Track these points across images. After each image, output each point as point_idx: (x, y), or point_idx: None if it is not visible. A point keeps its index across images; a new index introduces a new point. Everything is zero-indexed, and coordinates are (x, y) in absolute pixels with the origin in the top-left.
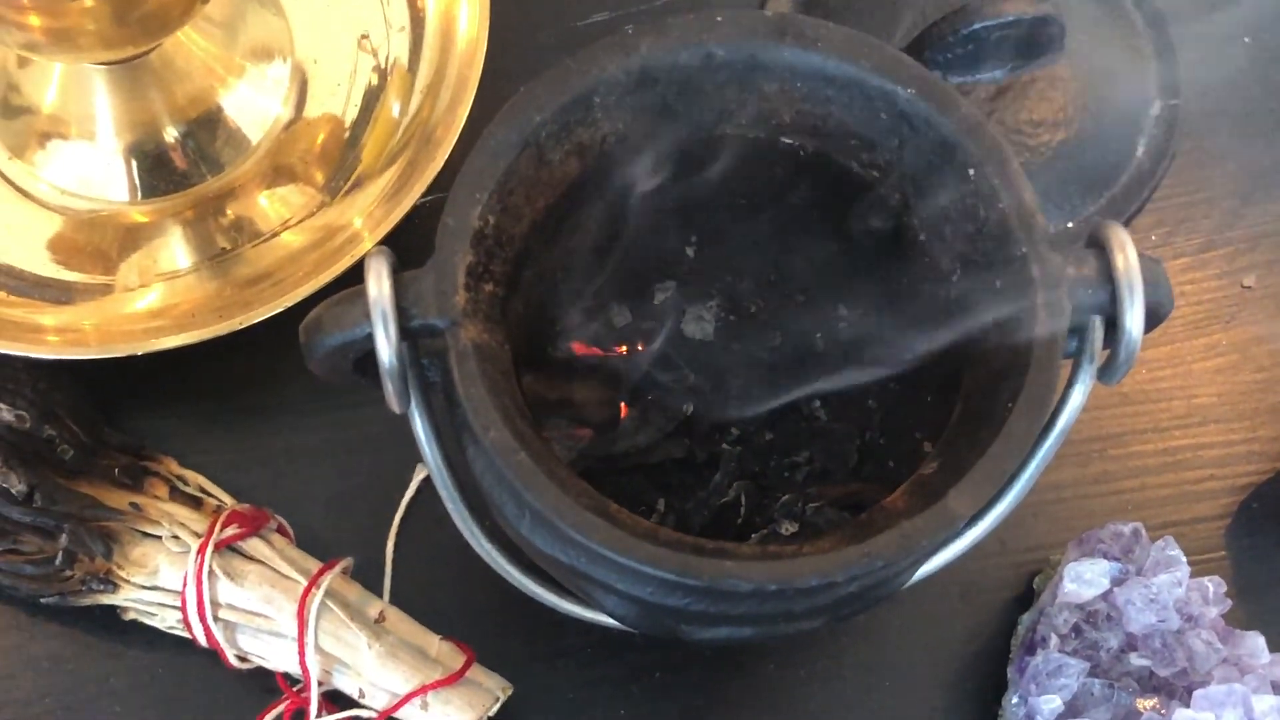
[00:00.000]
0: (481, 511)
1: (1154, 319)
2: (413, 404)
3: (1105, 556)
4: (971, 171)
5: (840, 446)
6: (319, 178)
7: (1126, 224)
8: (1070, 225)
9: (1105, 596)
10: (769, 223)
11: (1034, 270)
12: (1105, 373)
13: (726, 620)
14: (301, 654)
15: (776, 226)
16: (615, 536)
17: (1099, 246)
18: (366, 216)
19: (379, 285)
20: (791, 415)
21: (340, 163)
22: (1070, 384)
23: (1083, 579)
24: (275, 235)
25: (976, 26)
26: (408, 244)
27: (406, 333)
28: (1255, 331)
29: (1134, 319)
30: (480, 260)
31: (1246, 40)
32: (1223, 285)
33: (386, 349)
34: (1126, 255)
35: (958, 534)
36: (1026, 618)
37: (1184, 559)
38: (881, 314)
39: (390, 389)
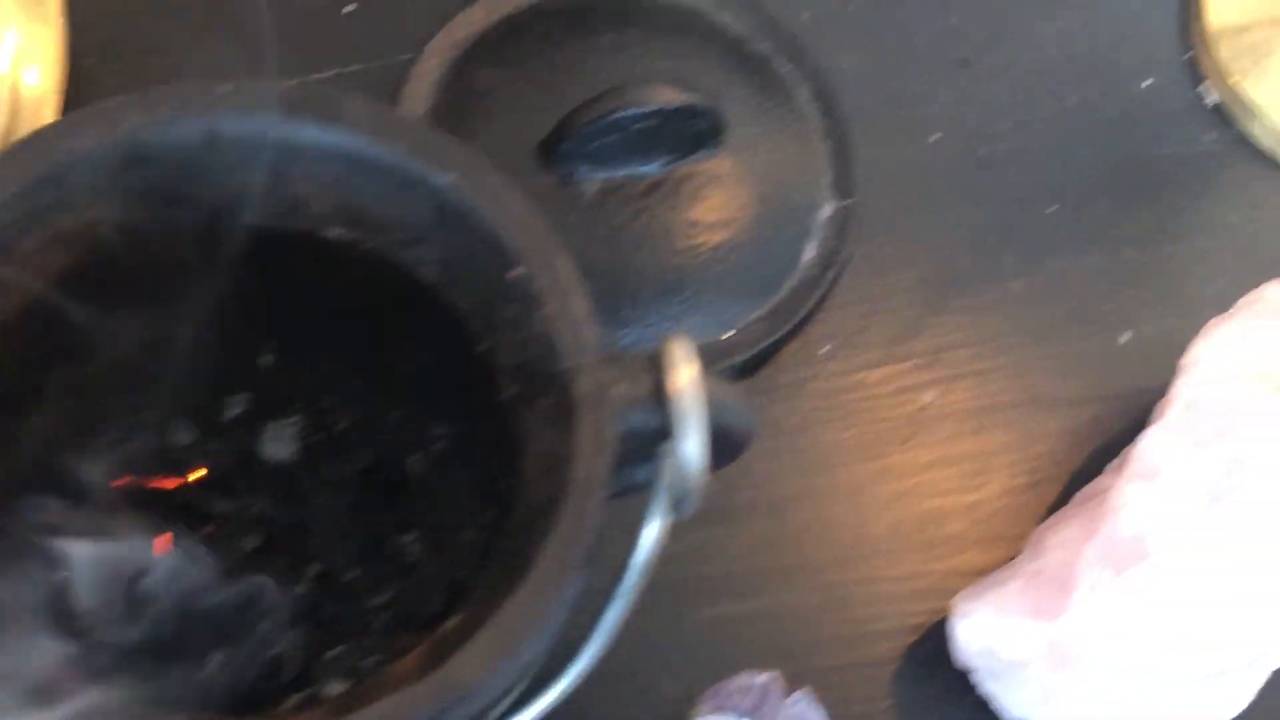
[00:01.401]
0: None
1: (730, 446)
2: None
3: (735, 711)
4: (517, 274)
5: (427, 587)
6: None
7: (795, 334)
8: (726, 337)
9: None
10: (356, 327)
11: (579, 388)
12: (675, 507)
13: None
14: None
15: (363, 332)
16: None
17: (657, 363)
18: None
19: None
20: (379, 549)
21: None
22: (644, 520)
23: None
24: None
25: (615, 117)
26: None
27: None
28: (933, 454)
29: (691, 446)
30: None
31: (935, 137)
32: (900, 403)
33: None
34: (681, 373)
35: (504, 698)
36: None
37: (821, 714)
38: (473, 433)
39: None
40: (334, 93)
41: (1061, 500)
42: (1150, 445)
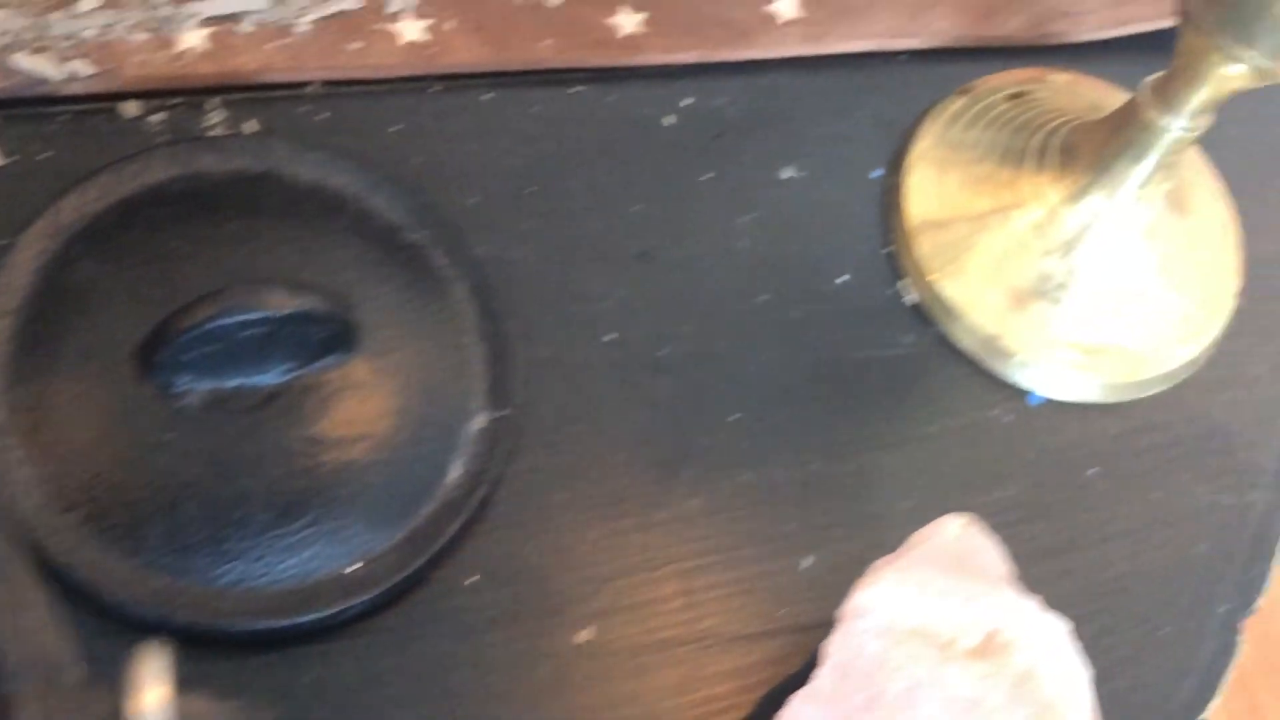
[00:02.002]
0: None
1: None
2: None
3: None
4: None
5: None
6: None
7: (435, 565)
8: (352, 570)
9: None
10: None
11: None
12: None
13: None
14: None
15: None
16: None
17: (120, 686)
18: None
19: None
20: None
21: None
22: None
23: None
24: None
25: (213, 325)
26: None
27: None
28: (590, 698)
29: None
30: None
31: (610, 338)
32: (554, 641)
33: None
34: (146, 698)
35: None
36: None
37: None
38: None
39: None
40: None
41: None
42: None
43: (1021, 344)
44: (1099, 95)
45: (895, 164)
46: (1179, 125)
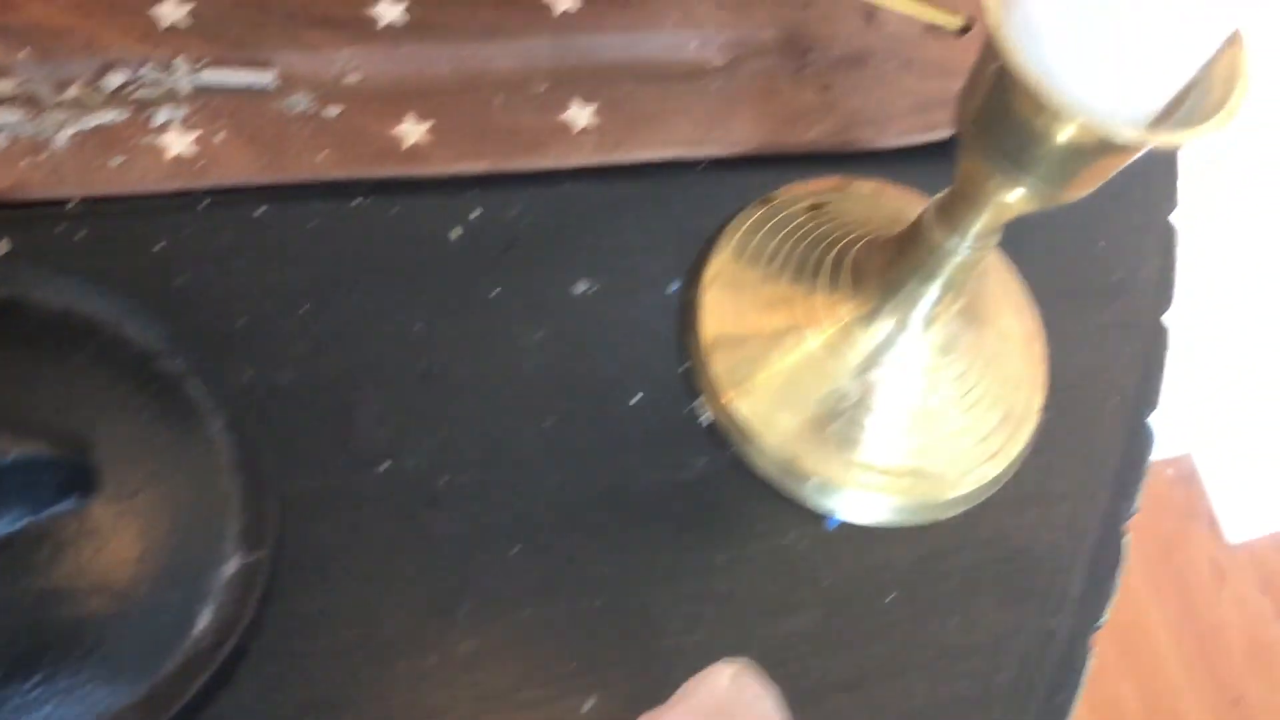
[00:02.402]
0: None
1: None
2: None
3: None
4: None
5: None
6: None
7: None
8: None
9: None
10: None
11: None
12: None
13: None
14: None
15: None
16: None
17: None
18: None
19: None
20: None
21: None
22: None
23: None
24: None
25: None
26: None
27: None
28: None
29: None
30: None
31: (384, 466)
32: None
33: None
34: None
35: None
36: None
37: None
38: None
39: None
40: None
41: None
42: None
43: (818, 466)
44: (902, 204)
45: (693, 277)
46: (964, 247)
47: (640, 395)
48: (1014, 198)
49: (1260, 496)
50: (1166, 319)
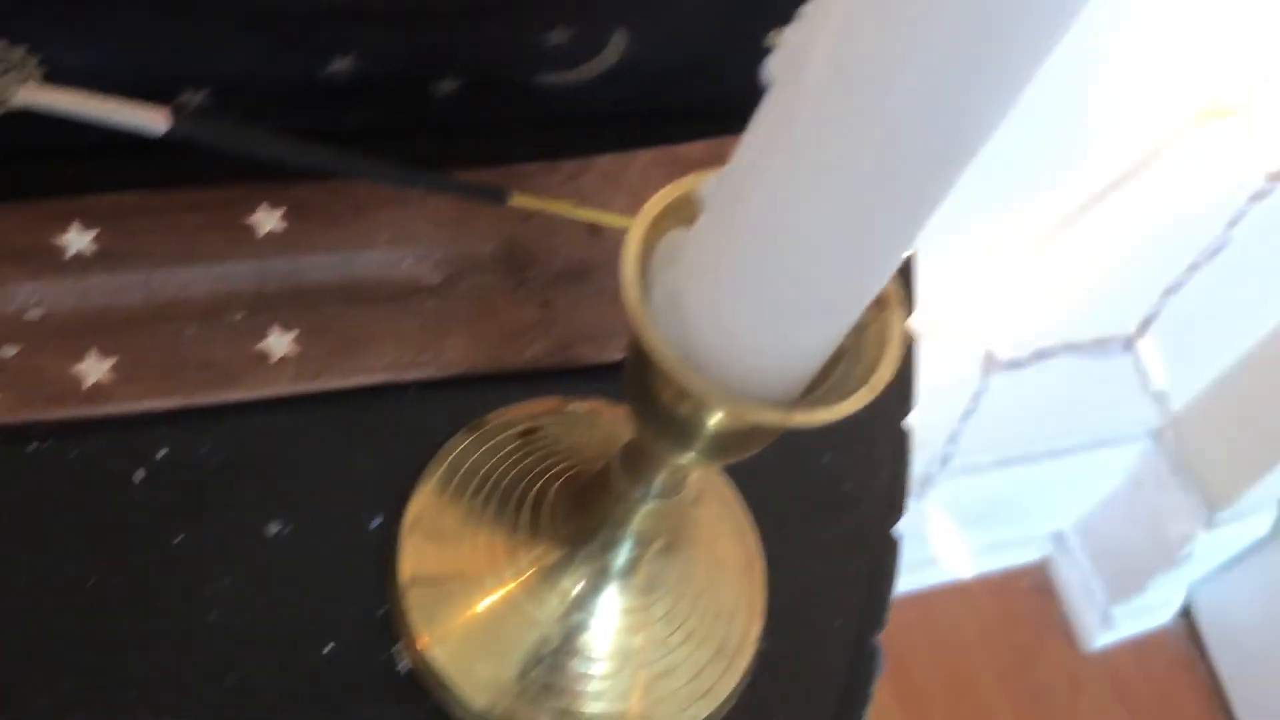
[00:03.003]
0: None
1: None
2: None
3: None
4: None
5: None
6: None
7: None
8: None
9: None
10: None
11: None
12: None
13: None
14: None
15: None
16: None
17: None
18: None
19: None
20: None
21: None
22: None
23: None
24: None
25: None
26: None
27: None
28: None
29: None
30: None
31: None
32: None
33: None
34: None
35: None
36: None
37: None
38: None
39: None
40: None
41: None
42: None
43: (519, 715)
44: (617, 427)
45: (394, 513)
46: (651, 496)
47: (332, 644)
48: (686, 461)
49: (1113, 602)
50: (897, 530)
